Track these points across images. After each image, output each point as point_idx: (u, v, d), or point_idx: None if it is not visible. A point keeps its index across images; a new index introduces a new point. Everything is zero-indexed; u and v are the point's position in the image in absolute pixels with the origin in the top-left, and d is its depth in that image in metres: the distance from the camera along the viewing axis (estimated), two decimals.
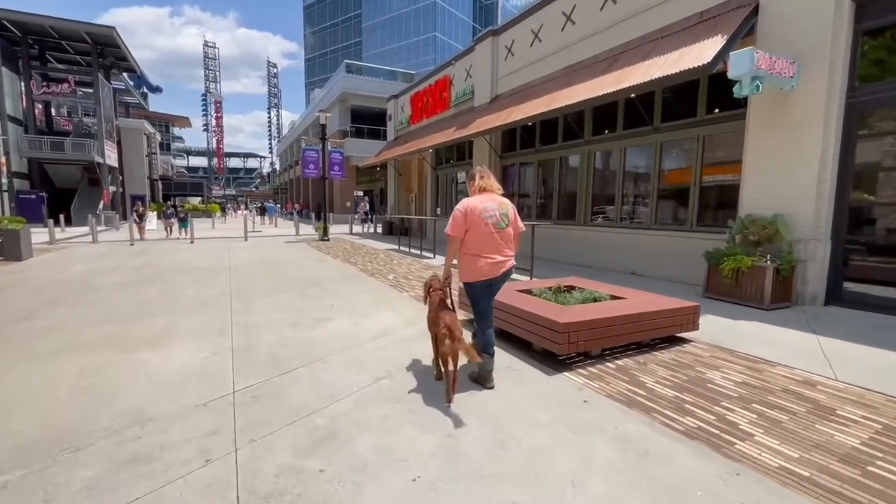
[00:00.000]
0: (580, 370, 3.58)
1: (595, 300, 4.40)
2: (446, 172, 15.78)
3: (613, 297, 4.47)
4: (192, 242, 14.80)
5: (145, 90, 76.30)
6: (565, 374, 3.51)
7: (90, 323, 5.02)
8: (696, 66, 5.84)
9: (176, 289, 6.99)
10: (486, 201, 3.16)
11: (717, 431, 2.62)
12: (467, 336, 3.41)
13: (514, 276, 7.65)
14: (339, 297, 6.37)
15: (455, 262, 3.33)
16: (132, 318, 5.20)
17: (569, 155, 10.10)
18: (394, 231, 18.70)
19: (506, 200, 3.28)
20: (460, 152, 14.69)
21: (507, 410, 2.89)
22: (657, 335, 4.08)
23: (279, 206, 44.55)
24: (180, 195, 45.85)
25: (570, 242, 9.70)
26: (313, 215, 32.27)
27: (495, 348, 3.35)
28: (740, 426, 2.68)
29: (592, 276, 7.96)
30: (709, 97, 7.19)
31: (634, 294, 4.64)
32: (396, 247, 13.40)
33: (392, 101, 19.40)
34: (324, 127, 15.54)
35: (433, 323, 3.26)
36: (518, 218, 3.37)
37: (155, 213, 21.96)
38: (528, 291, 4.84)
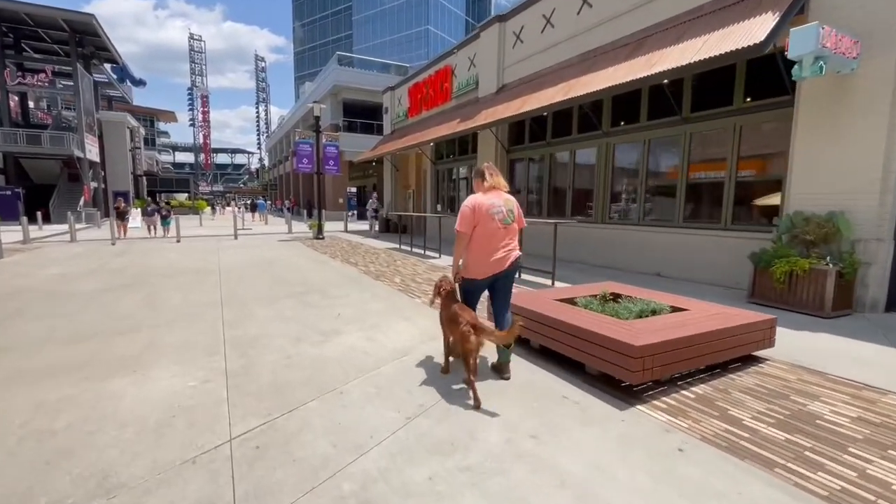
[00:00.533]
0: (655, 402, 2.95)
1: (654, 312, 3.77)
2: (448, 167, 15.09)
3: (675, 309, 3.85)
4: (178, 241, 13.94)
5: (129, 83, 74.47)
6: (639, 407, 2.87)
7: (55, 340, 4.27)
8: (745, 45, 5.23)
9: (159, 296, 6.23)
10: (493, 198, 3.23)
11: (872, 497, 2.01)
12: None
13: (535, 279, 6.94)
14: (346, 305, 5.67)
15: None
16: (107, 334, 4.46)
17: (584, 148, 9.48)
18: (391, 229, 18.00)
19: (511, 197, 3.34)
20: (463, 146, 14.01)
21: (591, 469, 2.23)
22: (734, 355, 3.47)
23: (269, 202, 43.45)
24: (166, 191, 44.49)
25: (587, 242, 9.09)
26: (305, 212, 31.36)
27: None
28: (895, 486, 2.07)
29: (616, 279, 7.38)
30: (747, 83, 6.60)
31: (695, 304, 4.02)
32: (397, 246, 12.70)
33: (388, 93, 18.63)
34: (317, 119, 14.74)
35: (450, 321, 3.17)
36: (521, 214, 3.44)
37: (139, 210, 20.85)
38: (571, 301, 4.20)
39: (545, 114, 9.60)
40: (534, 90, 9.57)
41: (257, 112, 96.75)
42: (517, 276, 5.54)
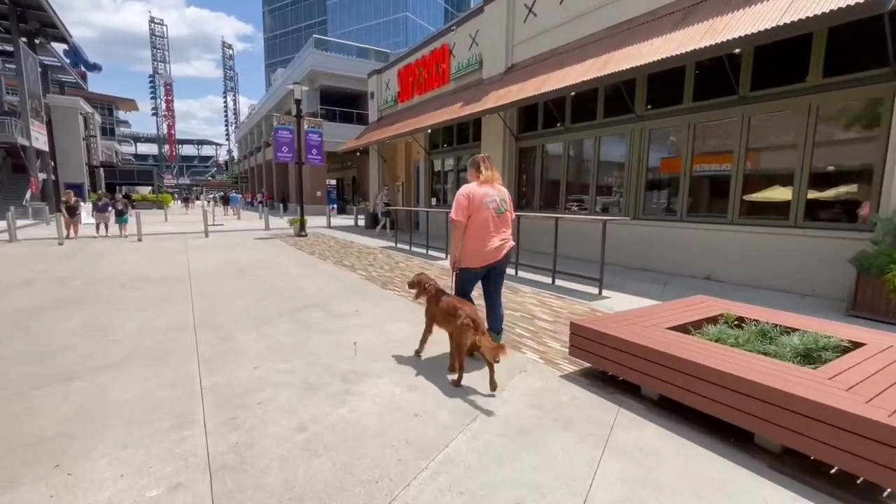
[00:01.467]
0: None
1: (824, 349, 2.69)
2: (445, 157, 13.83)
3: (853, 345, 2.78)
4: (139, 241, 12.22)
5: (83, 68, 69.81)
6: None
7: None
8: (858, 1, 4.22)
9: (110, 318, 4.80)
10: (486, 187, 3.27)
11: None
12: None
13: (573, 286, 5.81)
14: (360, 328, 4.41)
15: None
16: (24, 386, 3.08)
17: (612, 134, 8.42)
18: (379, 224, 16.64)
19: (503, 188, 3.40)
20: (463, 134, 12.77)
21: None
22: None
23: (241, 196, 41.06)
24: (127, 184, 41.44)
25: (616, 240, 8.06)
26: (281, 206, 29.53)
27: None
28: None
29: (661, 283, 6.36)
30: (828, 54, 5.63)
31: (869, 335, 2.97)
32: (392, 244, 11.40)
33: (374, 76, 17.16)
34: (298, 102, 13.21)
35: (447, 314, 3.10)
36: (512, 204, 3.48)
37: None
38: (684, 330, 3.10)
39: (564, 97, 8.47)
40: (554, 68, 8.43)
41: (225, 102, 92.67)
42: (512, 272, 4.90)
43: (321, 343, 3.97)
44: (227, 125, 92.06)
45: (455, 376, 3.06)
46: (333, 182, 27.54)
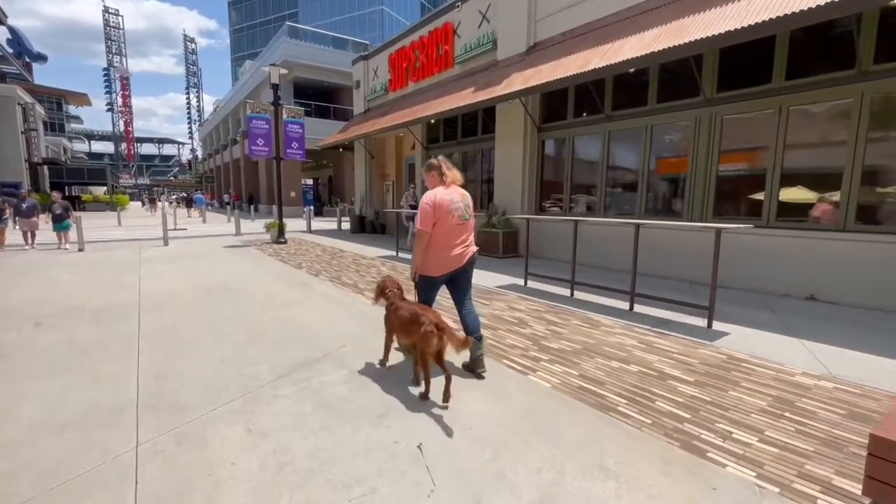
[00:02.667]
0: None
1: None
2: (447, 152, 12.20)
3: None
4: (80, 251, 10.06)
5: (27, 59, 64.27)
6: None
7: None
8: None
9: (3, 389, 2.98)
10: (452, 193, 3.16)
11: None
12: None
13: (676, 318, 4.41)
14: (416, 406, 2.77)
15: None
16: None
17: (670, 122, 7.04)
18: (366, 228, 14.89)
19: (466, 192, 3.29)
20: (470, 126, 11.21)
21: None
22: None
23: (206, 196, 38.12)
24: (77, 184, 37.77)
25: (670, 248, 6.68)
26: (252, 208, 27.24)
27: None
28: None
29: (760, 307, 4.98)
30: None
31: None
32: (393, 253, 9.71)
33: (360, 63, 15.36)
34: (276, 87, 11.33)
35: (410, 322, 2.88)
36: (472, 209, 3.33)
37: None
38: None
39: (631, 70, 7.03)
40: (596, 43, 7.00)
41: (188, 98, 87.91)
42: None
43: (361, 448, 2.32)
44: (189, 123, 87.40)
45: (421, 389, 2.90)
46: (310, 182, 25.43)
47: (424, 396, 2.83)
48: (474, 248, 3.29)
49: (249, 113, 11.29)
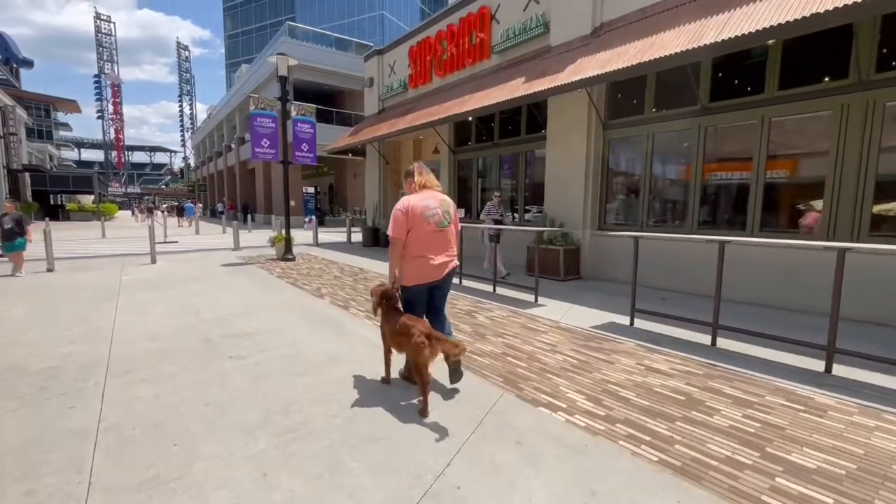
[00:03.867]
0: None
1: None
2: (480, 156, 10.70)
3: None
4: (50, 270, 8.36)
5: (13, 64, 62.50)
6: None
7: None
8: None
9: None
10: (427, 199, 3.02)
11: None
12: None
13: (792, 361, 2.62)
14: None
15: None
16: None
17: (799, 113, 5.55)
18: (381, 240, 13.30)
19: (447, 197, 3.14)
20: (510, 124, 9.72)
21: None
22: None
23: (199, 205, 36.32)
24: (62, 192, 35.75)
25: (808, 273, 5.17)
26: (250, 217, 25.59)
27: None
28: None
29: None
30: None
31: None
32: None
33: (374, 59, 13.86)
34: (284, 79, 9.78)
35: (400, 334, 2.87)
36: (457, 216, 3.26)
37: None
38: None
39: (685, 65, 5.57)
40: (707, 13, 5.54)
41: (181, 106, 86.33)
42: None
43: None
44: (182, 131, 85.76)
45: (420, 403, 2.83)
46: (312, 190, 23.80)
47: (423, 412, 2.74)
48: (455, 262, 3.17)
49: (254, 109, 9.71)
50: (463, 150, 11.05)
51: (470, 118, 9.10)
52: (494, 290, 6.59)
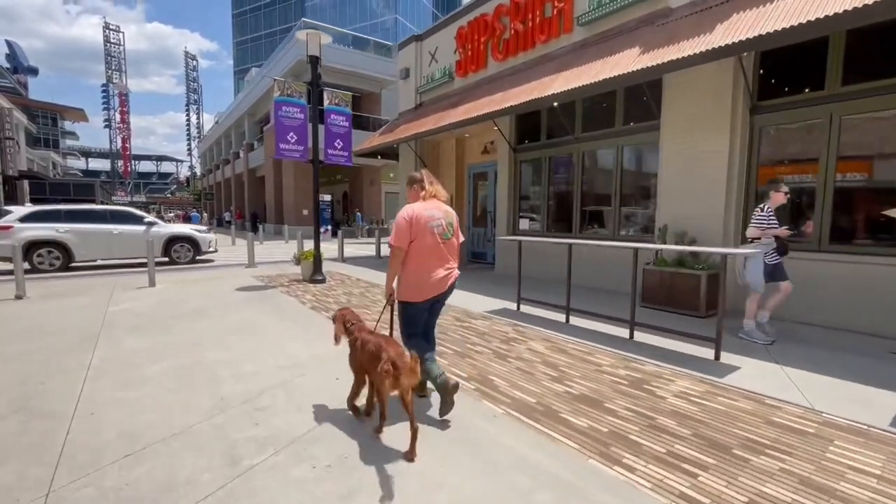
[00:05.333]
0: None
1: None
2: (549, 154, 8.79)
3: None
4: (19, 298, 6.49)
5: (19, 72, 62.01)
6: None
7: None
8: None
9: None
10: (432, 208, 2.89)
11: None
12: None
13: None
14: None
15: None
16: None
17: None
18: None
19: (450, 209, 3.02)
20: (596, 112, 7.83)
21: None
22: None
23: (205, 214, 34.67)
24: (63, 200, 34.16)
25: None
26: (261, 228, 23.84)
27: None
28: None
29: None
30: None
31: None
32: (506, 303, 6.18)
33: (411, 46, 12.05)
34: (315, 62, 7.97)
35: (372, 358, 2.54)
36: (459, 227, 3.08)
37: None
38: None
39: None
40: None
41: (188, 115, 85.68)
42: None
43: None
44: (189, 140, 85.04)
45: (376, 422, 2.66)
46: (328, 198, 21.99)
47: (378, 430, 2.61)
48: (456, 274, 3.00)
49: (278, 95, 7.87)
50: (528, 149, 9.14)
51: (555, 104, 7.22)
52: (526, 310, 4.62)
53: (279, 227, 25.36)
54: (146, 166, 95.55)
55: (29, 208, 10.04)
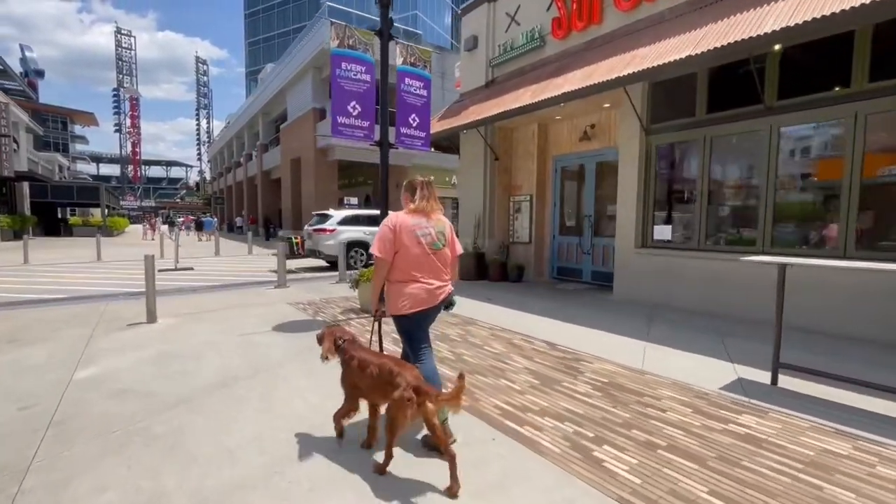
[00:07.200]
0: None
1: None
2: (716, 133, 6.22)
3: None
4: None
5: (28, 77, 60.71)
6: None
7: None
8: None
9: None
10: (419, 217, 2.67)
11: None
12: None
13: None
14: None
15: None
16: None
17: None
18: (489, 272, 9.03)
19: (443, 218, 2.76)
20: (812, 66, 5.33)
21: None
22: None
23: (216, 219, 32.57)
24: (68, 204, 32.20)
25: None
26: (278, 232, 21.51)
27: None
28: None
29: None
30: None
31: None
32: (648, 347, 3.70)
33: (481, 8, 9.63)
34: (386, 7, 5.61)
35: (380, 382, 2.24)
36: (456, 238, 2.85)
37: None
38: None
39: None
40: None
41: (197, 120, 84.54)
42: None
43: None
44: (199, 145, 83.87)
45: (380, 460, 2.24)
46: (355, 200, 19.64)
47: (382, 469, 2.20)
48: (450, 288, 2.74)
49: (336, 47, 5.48)
50: (670, 128, 6.61)
51: (771, 56, 4.74)
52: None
53: (296, 234, 23.05)
54: (156, 171, 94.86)
55: (341, 213, 11.74)
